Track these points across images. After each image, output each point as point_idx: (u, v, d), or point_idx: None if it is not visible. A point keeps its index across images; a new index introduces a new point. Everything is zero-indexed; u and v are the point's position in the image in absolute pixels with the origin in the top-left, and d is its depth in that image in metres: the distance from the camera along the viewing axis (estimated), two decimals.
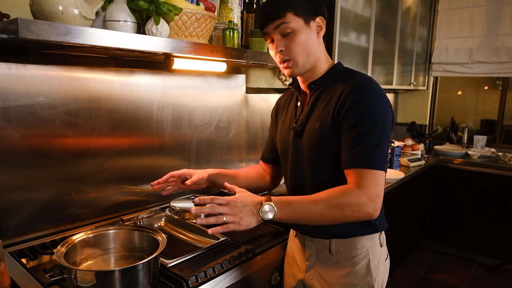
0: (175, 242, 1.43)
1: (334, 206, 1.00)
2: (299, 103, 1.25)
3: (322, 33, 1.15)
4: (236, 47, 1.56)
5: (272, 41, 1.14)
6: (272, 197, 1.04)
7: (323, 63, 1.18)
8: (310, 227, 1.20)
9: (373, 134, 1.03)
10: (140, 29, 1.26)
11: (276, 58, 1.16)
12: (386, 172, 1.06)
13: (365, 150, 1.02)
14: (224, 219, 1.00)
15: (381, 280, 1.22)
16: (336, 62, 1.21)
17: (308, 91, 1.21)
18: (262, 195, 1.07)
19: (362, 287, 1.18)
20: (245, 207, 1.02)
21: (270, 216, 1.01)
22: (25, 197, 1.33)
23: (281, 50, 1.12)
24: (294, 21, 1.08)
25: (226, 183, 1.16)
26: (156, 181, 1.38)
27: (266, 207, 1.01)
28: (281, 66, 1.16)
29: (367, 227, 1.18)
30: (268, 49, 1.20)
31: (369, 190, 1.00)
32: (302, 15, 1.09)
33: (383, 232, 1.24)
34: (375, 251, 1.20)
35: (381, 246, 1.22)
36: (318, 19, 1.13)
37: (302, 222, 1.13)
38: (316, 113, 1.15)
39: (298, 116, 1.23)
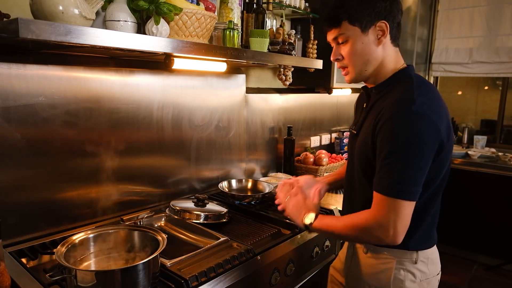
0: (175, 242, 1.43)
1: (354, 230, 1.07)
2: (364, 105, 1.23)
3: (384, 37, 1.09)
4: (236, 47, 1.56)
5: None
6: (320, 214, 1.18)
7: (387, 67, 1.13)
8: None
9: (395, 160, 0.99)
10: (140, 29, 1.26)
11: (336, 65, 1.16)
12: (412, 200, 1.00)
13: (384, 176, 1.01)
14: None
15: None
16: (405, 65, 1.16)
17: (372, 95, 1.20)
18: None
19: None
20: (300, 210, 1.22)
21: (307, 222, 1.17)
22: (25, 197, 1.33)
23: (337, 59, 1.14)
24: (349, 30, 1.08)
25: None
26: (277, 201, 1.36)
27: (310, 215, 1.18)
28: (342, 72, 1.20)
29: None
30: (268, 49, 1.20)
31: (379, 216, 1.01)
32: (358, 23, 1.07)
33: (420, 251, 1.14)
34: (404, 265, 1.14)
35: (416, 262, 1.14)
36: (379, 24, 1.08)
37: (333, 237, 1.28)
38: (368, 120, 1.13)
39: (358, 118, 1.23)
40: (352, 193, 1.24)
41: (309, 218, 1.17)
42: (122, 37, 1.07)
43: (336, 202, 1.96)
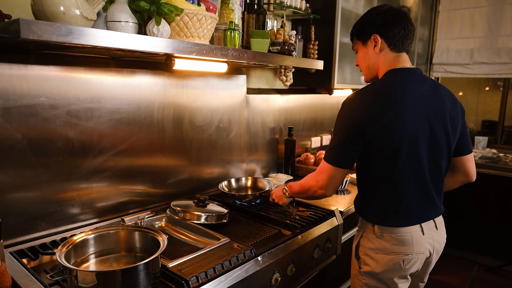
0: (175, 243, 1.44)
1: (303, 188, 1.47)
2: None
3: (378, 46, 1.36)
4: (237, 47, 1.56)
5: None
6: (288, 183, 1.61)
7: (382, 70, 1.39)
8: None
9: (334, 136, 1.35)
10: (141, 30, 1.26)
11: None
12: (336, 166, 1.32)
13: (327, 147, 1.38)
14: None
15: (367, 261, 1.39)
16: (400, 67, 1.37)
17: None
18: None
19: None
20: (277, 193, 1.69)
21: (287, 194, 1.61)
22: (26, 197, 1.33)
23: (357, 64, 1.50)
24: (356, 44, 1.46)
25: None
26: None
27: (283, 190, 1.63)
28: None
29: (357, 207, 1.47)
30: (269, 50, 1.24)
31: (317, 175, 1.38)
32: (360, 38, 1.43)
33: (377, 226, 1.37)
34: (368, 235, 1.40)
35: (376, 235, 1.37)
36: (373, 37, 1.36)
37: (300, 198, 1.65)
38: None
39: None
40: None
41: (285, 193, 1.61)
42: (123, 37, 1.07)
43: (336, 202, 1.96)
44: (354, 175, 1.81)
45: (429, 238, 1.37)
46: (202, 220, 1.53)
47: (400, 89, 1.29)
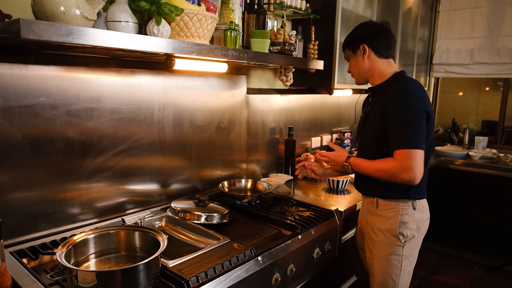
0: (175, 243, 1.44)
1: (384, 173, 1.50)
2: (370, 99, 1.73)
3: (366, 54, 1.62)
4: (237, 47, 1.56)
5: None
6: (352, 158, 1.66)
7: (380, 73, 1.63)
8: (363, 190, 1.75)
9: (402, 125, 1.45)
10: (142, 30, 1.26)
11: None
12: (421, 149, 1.44)
13: (399, 137, 1.46)
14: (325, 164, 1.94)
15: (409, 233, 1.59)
16: (399, 70, 1.64)
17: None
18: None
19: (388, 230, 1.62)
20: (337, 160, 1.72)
21: (349, 168, 1.68)
22: (26, 197, 1.33)
23: (349, 71, 1.74)
24: (348, 53, 1.70)
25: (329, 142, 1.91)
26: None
27: (345, 163, 1.69)
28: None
29: (398, 194, 1.59)
30: (269, 50, 1.25)
31: (403, 163, 1.43)
32: (350, 48, 1.67)
33: (416, 200, 1.60)
34: (407, 211, 1.59)
35: (414, 209, 1.59)
36: (361, 46, 1.62)
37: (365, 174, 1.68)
38: (374, 108, 1.61)
39: (365, 109, 1.74)
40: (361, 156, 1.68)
41: (347, 160, 1.67)
42: (124, 37, 1.07)
43: (336, 203, 1.96)
44: (353, 175, 1.81)
45: None
46: (202, 220, 1.54)
47: (421, 85, 1.57)
